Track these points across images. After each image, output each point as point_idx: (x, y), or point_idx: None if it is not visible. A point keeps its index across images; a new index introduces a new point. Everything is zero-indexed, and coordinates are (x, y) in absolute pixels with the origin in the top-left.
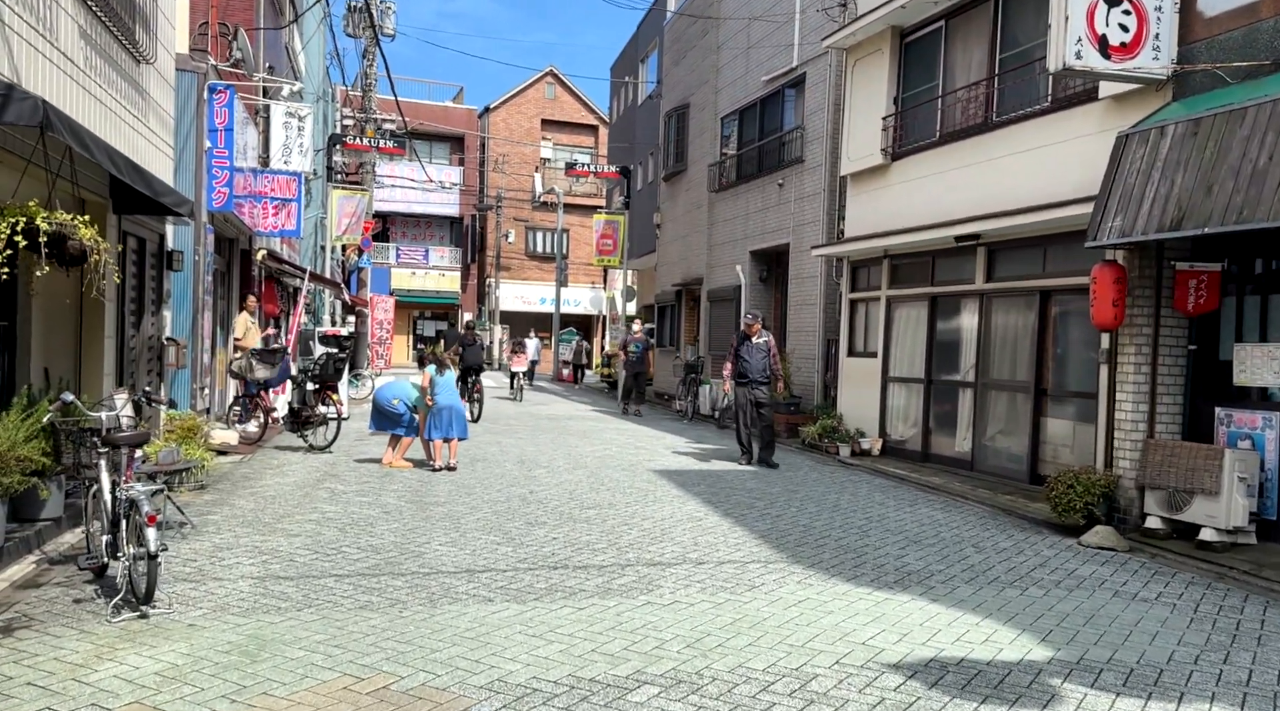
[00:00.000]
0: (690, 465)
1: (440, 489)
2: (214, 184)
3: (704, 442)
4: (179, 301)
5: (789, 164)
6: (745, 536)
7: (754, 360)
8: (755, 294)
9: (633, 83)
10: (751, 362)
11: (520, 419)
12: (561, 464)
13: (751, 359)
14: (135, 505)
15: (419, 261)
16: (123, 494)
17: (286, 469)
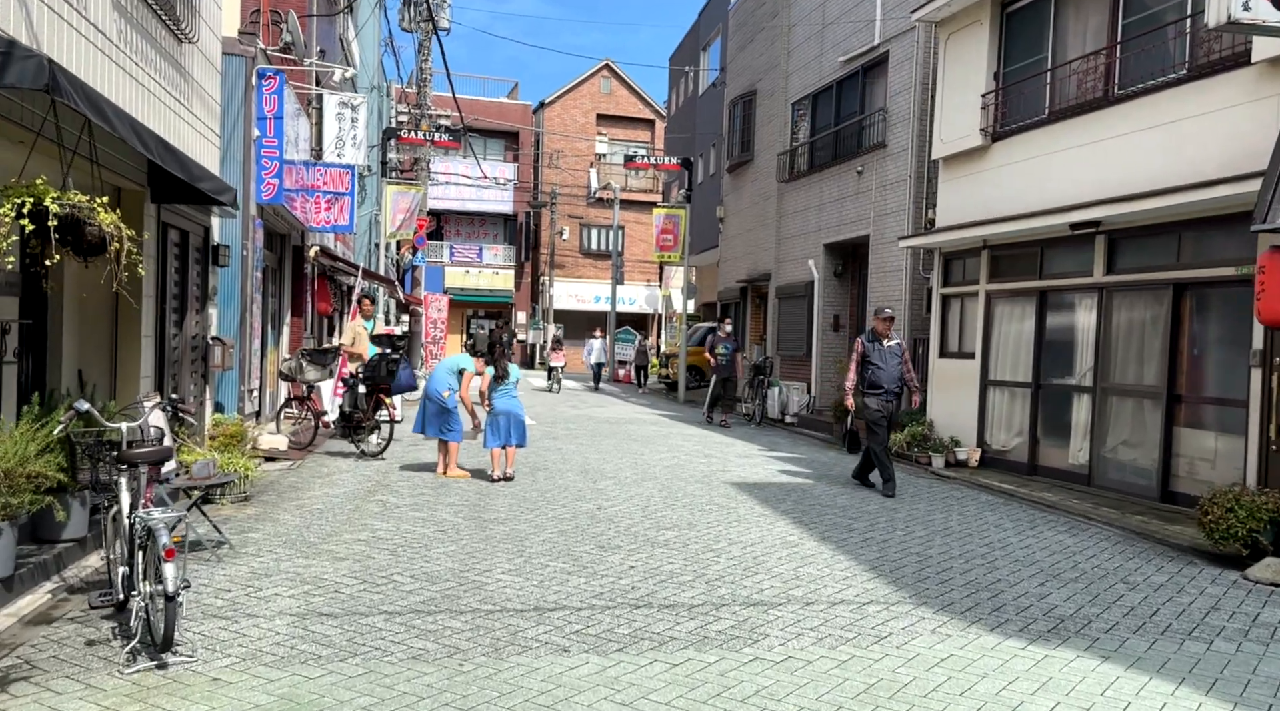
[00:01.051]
0: (769, 476)
1: (500, 503)
2: (263, 175)
3: (778, 449)
4: (226, 299)
5: (869, 150)
6: (853, 567)
7: (888, 368)
8: (830, 290)
9: (694, 71)
10: (885, 370)
11: (579, 423)
12: (629, 474)
13: (886, 366)
14: (152, 534)
15: (473, 260)
16: (139, 519)
17: (336, 478)
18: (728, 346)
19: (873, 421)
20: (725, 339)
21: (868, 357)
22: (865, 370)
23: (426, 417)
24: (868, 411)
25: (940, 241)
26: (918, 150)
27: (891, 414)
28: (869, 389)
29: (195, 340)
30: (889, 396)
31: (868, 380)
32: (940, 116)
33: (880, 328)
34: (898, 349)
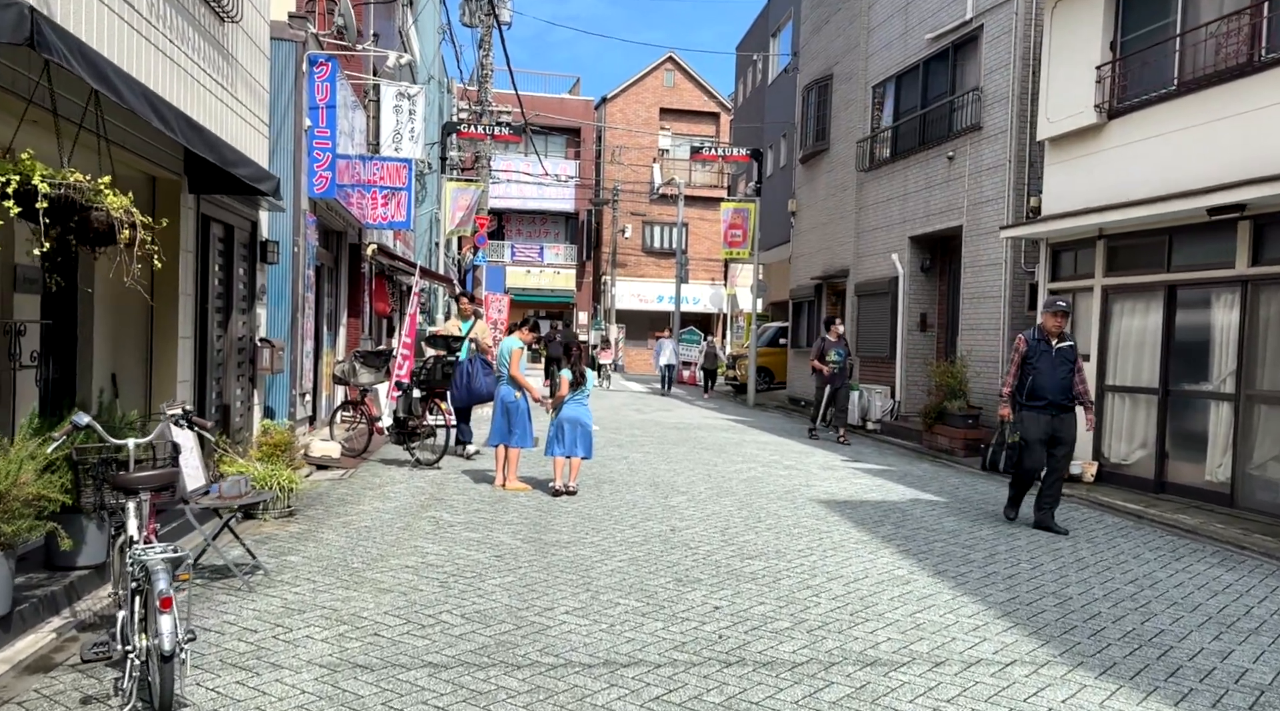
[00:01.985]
0: (859, 493)
1: (562, 522)
2: (314, 168)
3: (863, 460)
4: (276, 298)
5: (961, 133)
6: (982, 612)
7: (1055, 375)
8: (916, 286)
9: (763, 57)
10: (1050, 378)
11: (645, 428)
12: (703, 489)
13: (1051, 373)
14: (150, 576)
15: (534, 259)
16: (134, 557)
17: (388, 490)
18: (840, 352)
19: (1028, 438)
20: (837, 342)
21: (1030, 360)
22: (1025, 375)
23: (494, 423)
24: (1023, 426)
25: (1048, 231)
26: (1018, 132)
27: (1057, 433)
28: (1028, 399)
29: (242, 342)
30: (1052, 410)
31: (1027, 388)
32: (1046, 93)
33: (1050, 324)
34: (1070, 352)
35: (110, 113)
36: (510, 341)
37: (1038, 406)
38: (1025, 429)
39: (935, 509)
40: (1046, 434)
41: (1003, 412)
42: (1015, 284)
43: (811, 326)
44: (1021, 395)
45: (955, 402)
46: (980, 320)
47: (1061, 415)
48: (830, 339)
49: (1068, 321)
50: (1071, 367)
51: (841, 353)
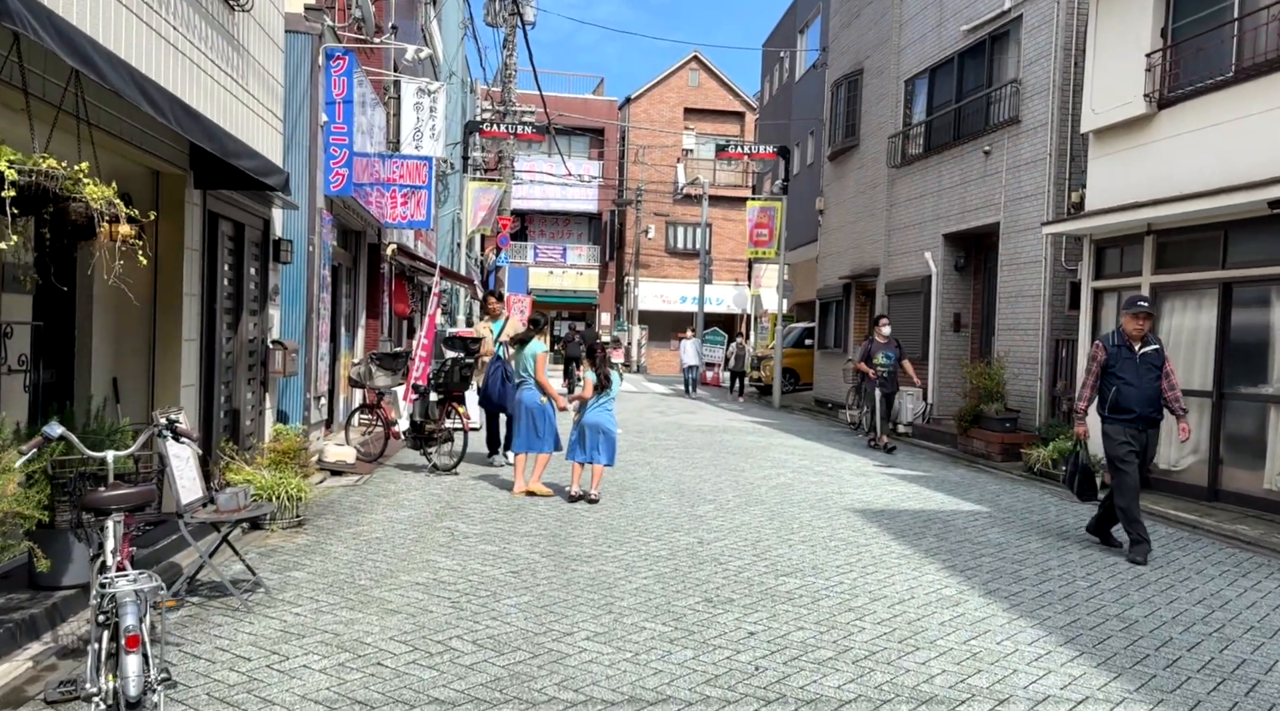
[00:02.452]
0: (895, 501)
1: (583, 533)
2: (331, 165)
3: (896, 466)
4: (290, 299)
5: (998, 127)
6: (1043, 638)
7: (1141, 383)
8: (949, 285)
9: (790, 54)
10: (1136, 388)
11: (669, 431)
12: (731, 496)
13: (1138, 382)
14: (118, 608)
15: (556, 260)
16: (101, 588)
17: (403, 498)
18: (889, 355)
19: (1116, 459)
20: (885, 344)
21: (1110, 368)
22: (1106, 385)
23: (520, 429)
24: (1108, 444)
25: (1093, 226)
26: (1058, 125)
27: (1145, 449)
28: (1111, 413)
29: (253, 344)
30: (1141, 425)
31: (1109, 401)
32: (1091, 84)
33: (1131, 327)
34: (1156, 357)
35: (100, 98)
36: (535, 346)
37: (1124, 420)
38: (1112, 447)
39: (978, 519)
40: (1138, 449)
41: (1079, 431)
42: (1055, 282)
43: (839, 327)
44: (1104, 409)
45: (992, 405)
46: (1018, 320)
47: (1150, 430)
48: (878, 340)
49: (1150, 323)
50: (1159, 374)
51: (891, 355)
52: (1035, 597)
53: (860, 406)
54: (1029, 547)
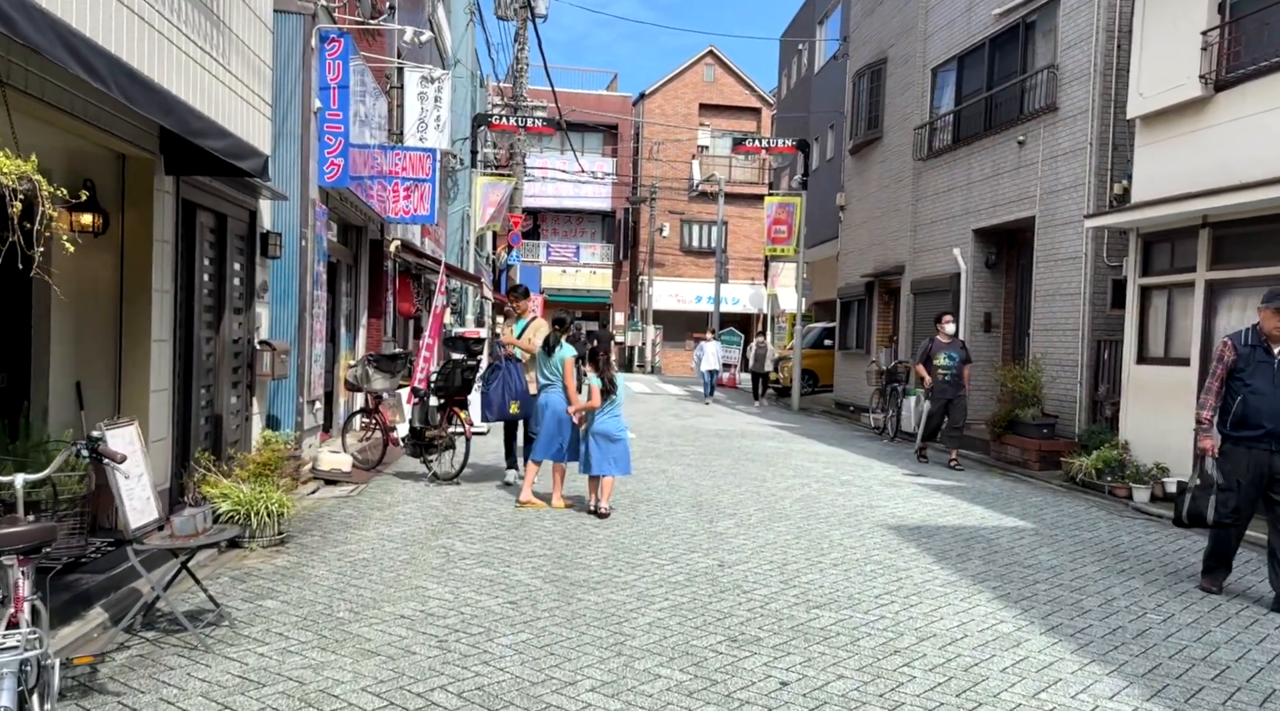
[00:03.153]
0: (931, 515)
1: (592, 554)
2: (325, 154)
3: (927, 475)
4: (282, 297)
5: (1034, 116)
6: (1125, 691)
7: (1277, 394)
8: (980, 283)
9: (808, 45)
10: (1270, 398)
11: (684, 436)
12: (753, 510)
13: (1273, 392)
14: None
15: (569, 258)
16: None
17: (398, 510)
18: (952, 356)
19: (1232, 482)
20: (949, 344)
21: (1238, 373)
22: (1230, 394)
23: (544, 438)
24: (1223, 465)
25: (1141, 219)
26: (1100, 111)
27: (1268, 475)
28: (1235, 428)
29: (238, 344)
30: (1272, 443)
31: (1234, 414)
32: (1139, 65)
33: (1271, 324)
34: None
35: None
36: (565, 349)
37: (1251, 438)
38: (1228, 467)
39: (1024, 537)
40: (1261, 476)
41: (1204, 445)
42: (1096, 279)
43: (861, 327)
44: (1224, 424)
45: (1028, 410)
46: (1055, 319)
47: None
48: (940, 339)
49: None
50: None
51: (955, 356)
52: (1105, 636)
53: (885, 410)
54: (1086, 572)
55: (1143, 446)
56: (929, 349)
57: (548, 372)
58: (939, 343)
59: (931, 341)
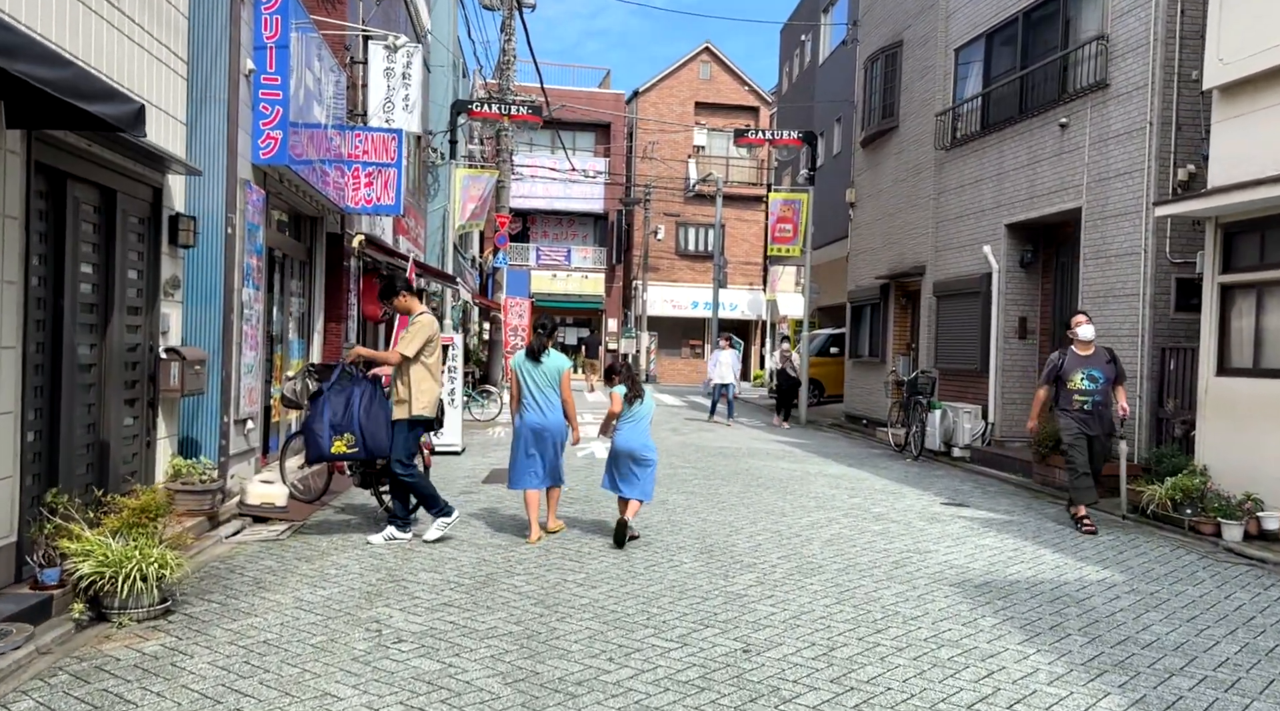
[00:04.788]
0: (994, 563)
1: (574, 630)
2: (260, 125)
3: (970, 503)
4: (200, 295)
5: (1078, 95)
6: None
7: None
8: (1014, 284)
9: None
10: None
11: (684, 455)
12: (776, 558)
13: None
14: None
15: (560, 262)
16: None
17: (332, 562)
18: (1094, 374)
19: None
20: (1089, 357)
21: None
22: None
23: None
24: None
25: (1223, 206)
26: (1161, 86)
27: None
28: None
29: (134, 353)
30: None
31: None
32: (1218, 27)
33: None
34: None
35: None
36: (559, 359)
37: None
38: None
39: (1119, 596)
40: None
41: None
42: (1159, 278)
43: (876, 333)
44: None
45: None
46: (1108, 324)
47: None
48: (1077, 351)
49: None
50: None
51: (1099, 375)
52: None
53: (907, 425)
54: (1224, 653)
55: (1227, 473)
56: (1059, 365)
57: (535, 390)
58: (1075, 355)
59: (1064, 355)
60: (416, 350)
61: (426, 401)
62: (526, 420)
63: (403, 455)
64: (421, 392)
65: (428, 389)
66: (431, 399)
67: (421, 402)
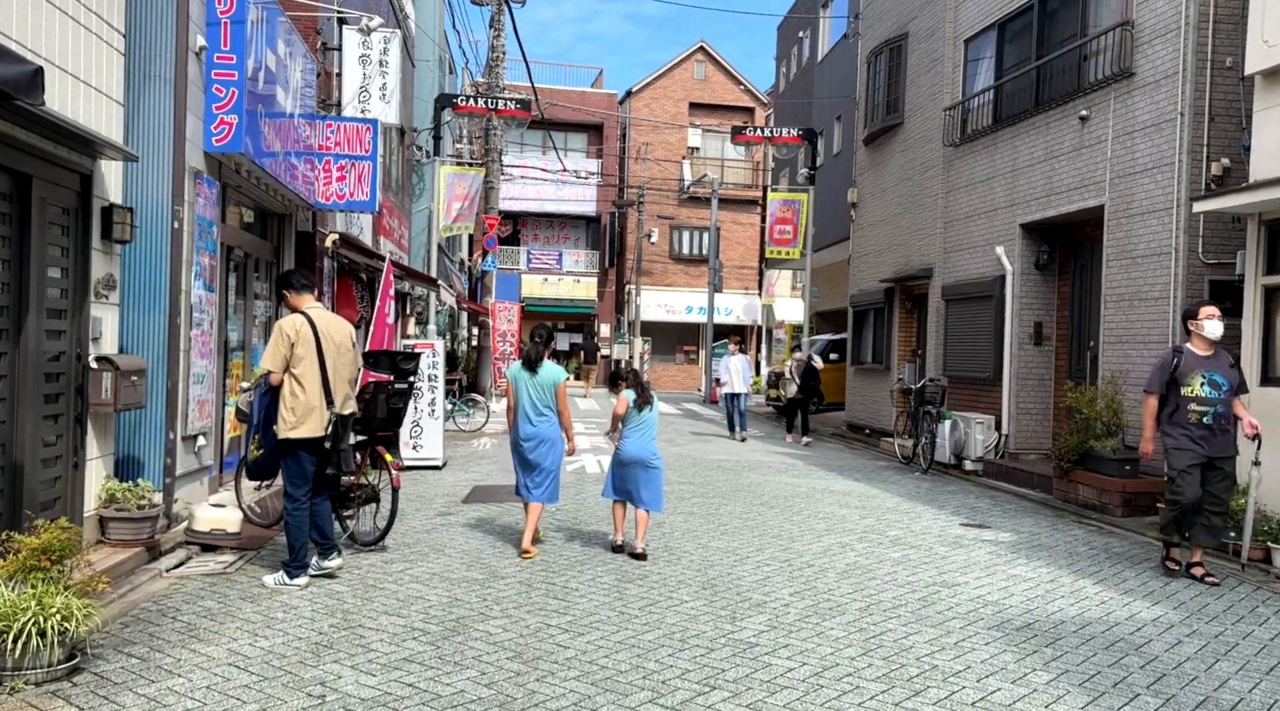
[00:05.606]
0: (1030, 597)
1: (556, 694)
2: (213, 109)
3: (990, 522)
4: (142, 297)
5: (1100, 85)
6: None
7: None
8: (1029, 287)
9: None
10: None
11: (680, 469)
12: (788, 594)
13: None
14: None
15: (552, 266)
16: None
17: (280, 602)
18: (1217, 380)
19: None
20: (1209, 358)
21: None
22: None
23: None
24: None
25: (1269, 200)
26: (1194, 74)
27: None
28: None
29: (57, 361)
30: None
31: None
32: (1263, 5)
33: None
34: None
35: None
36: (555, 371)
37: None
38: None
39: (1181, 639)
40: None
41: None
42: (1190, 280)
43: (879, 338)
44: None
45: (1108, 442)
46: (1134, 329)
47: None
48: (1196, 350)
49: None
50: None
51: (1223, 382)
52: None
53: (916, 436)
54: None
55: (1275, 493)
56: (1177, 365)
57: (531, 400)
58: (1193, 355)
59: (1180, 355)
60: (277, 362)
61: (299, 421)
62: (522, 431)
63: (287, 485)
64: (291, 410)
65: (302, 406)
66: (311, 417)
67: (291, 423)
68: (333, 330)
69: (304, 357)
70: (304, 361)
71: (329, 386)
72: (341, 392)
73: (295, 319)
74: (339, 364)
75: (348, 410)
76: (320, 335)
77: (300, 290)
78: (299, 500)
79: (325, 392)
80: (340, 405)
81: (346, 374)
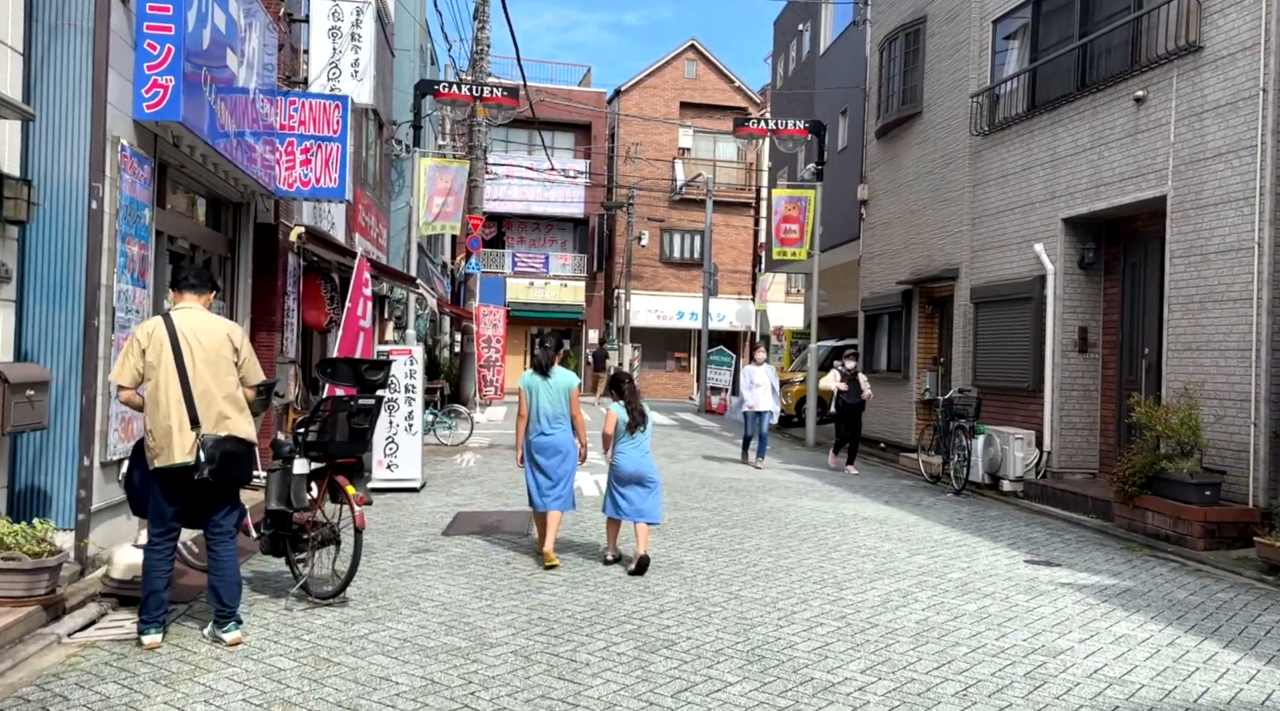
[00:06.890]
0: (1159, 668)
1: None
2: (145, 69)
3: (1055, 557)
4: (47, 292)
5: (1160, 62)
6: None
7: None
8: (1072, 289)
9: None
10: None
11: (688, 491)
12: (858, 672)
13: None
14: None
15: (538, 270)
16: None
17: (205, 682)
18: None
19: None
20: None
21: None
22: None
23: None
24: None
25: None
26: (1278, 44)
27: None
28: None
29: None
30: None
31: None
32: None
33: None
34: None
35: None
36: (567, 376)
37: None
38: None
39: None
40: None
41: None
42: (1278, 279)
43: (896, 345)
44: None
45: (1183, 463)
46: (1207, 336)
47: None
48: None
49: None
50: None
51: None
52: None
53: (947, 453)
54: None
55: None
56: None
57: (545, 407)
58: None
59: None
60: (124, 373)
61: (159, 447)
62: (537, 441)
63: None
64: (151, 434)
65: (154, 426)
66: (164, 439)
67: (153, 449)
68: (202, 333)
69: (156, 366)
70: (156, 371)
71: (192, 402)
72: (214, 409)
73: (150, 321)
74: (211, 374)
75: (227, 431)
76: (180, 338)
77: (184, 289)
78: (154, 543)
79: (189, 409)
80: (213, 424)
81: (222, 387)
